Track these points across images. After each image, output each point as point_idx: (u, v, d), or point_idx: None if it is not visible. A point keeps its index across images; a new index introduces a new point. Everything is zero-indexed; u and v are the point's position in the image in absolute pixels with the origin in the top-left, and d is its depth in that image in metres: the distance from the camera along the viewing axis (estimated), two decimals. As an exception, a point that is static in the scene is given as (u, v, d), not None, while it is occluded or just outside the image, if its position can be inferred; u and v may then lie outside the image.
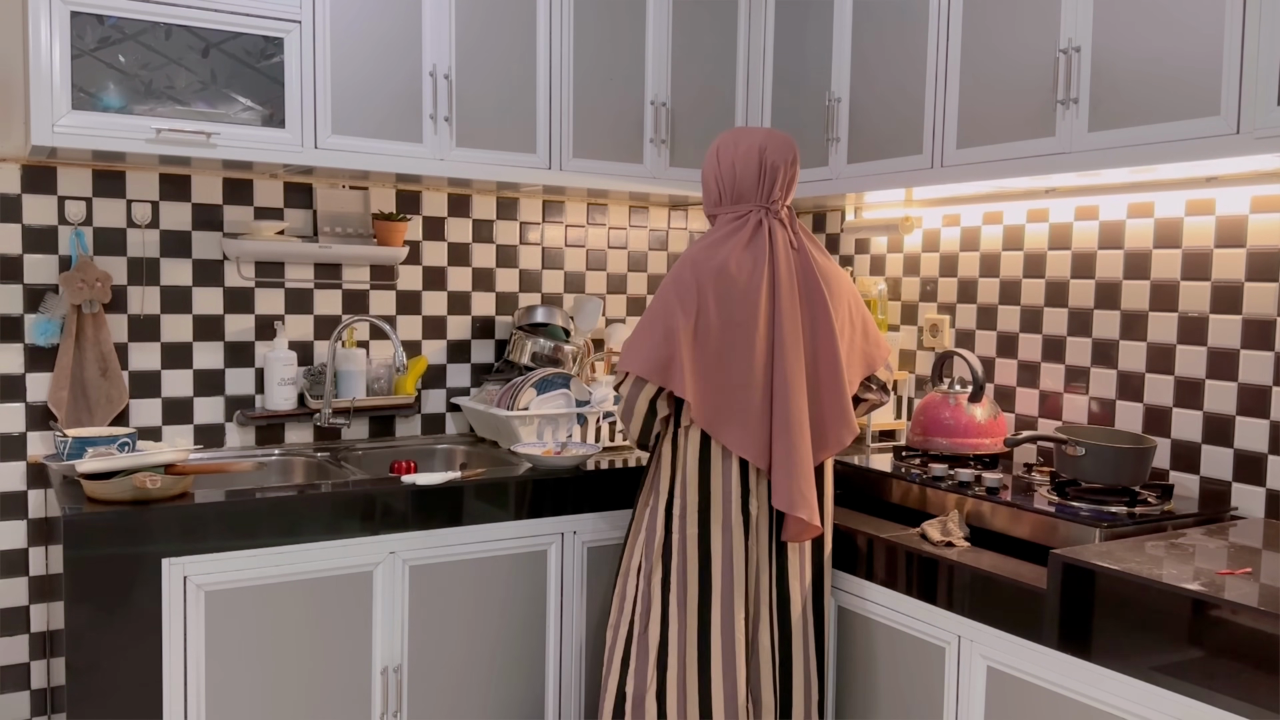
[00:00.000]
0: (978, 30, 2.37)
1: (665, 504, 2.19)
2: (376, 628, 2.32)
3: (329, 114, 2.47)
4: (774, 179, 2.19)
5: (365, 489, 2.31)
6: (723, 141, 2.24)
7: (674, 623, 2.16)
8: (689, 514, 2.16)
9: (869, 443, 2.99)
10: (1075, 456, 2.22)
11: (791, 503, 2.10)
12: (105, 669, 2.06)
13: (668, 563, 2.17)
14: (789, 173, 2.22)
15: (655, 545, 2.18)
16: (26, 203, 2.51)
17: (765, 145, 2.20)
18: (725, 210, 2.23)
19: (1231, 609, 1.59)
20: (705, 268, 2.13)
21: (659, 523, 2.19)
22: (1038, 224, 2.68)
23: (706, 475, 2.16)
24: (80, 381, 2.53)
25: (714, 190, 2.25)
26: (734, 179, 2.20)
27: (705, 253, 2.16)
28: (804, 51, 2.87)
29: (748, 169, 2.19)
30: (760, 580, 2.18)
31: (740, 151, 2.20)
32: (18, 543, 2.55)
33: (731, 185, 2.21)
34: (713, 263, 2.14)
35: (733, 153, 2.21)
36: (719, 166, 2.23)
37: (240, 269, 2.75)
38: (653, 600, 2.18)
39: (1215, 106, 1.91)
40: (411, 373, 2.94)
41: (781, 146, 2.21)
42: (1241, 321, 2.24)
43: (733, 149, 2.21)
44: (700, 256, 2.15)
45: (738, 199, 2.21)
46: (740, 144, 2.21)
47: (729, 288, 2.13)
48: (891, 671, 2.19)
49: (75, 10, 2.21)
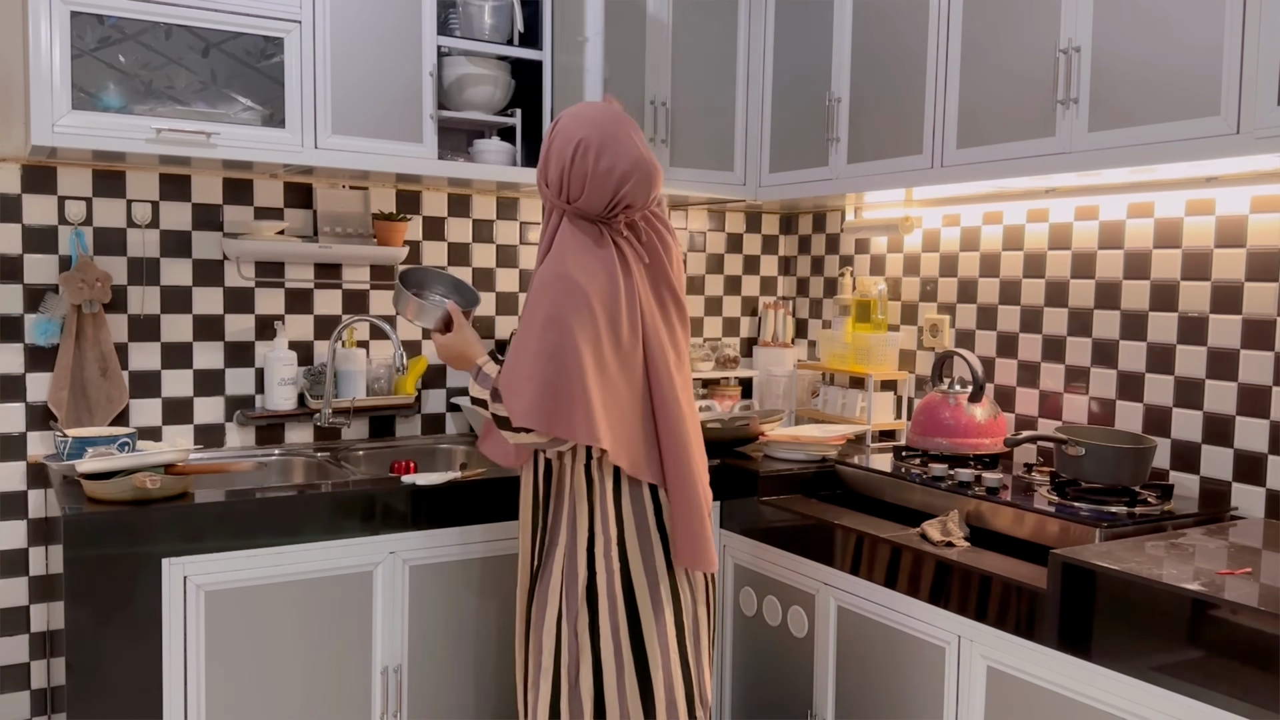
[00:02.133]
0: (978, 30, 2.37)
1: (586, 543, 1.99)
2: (376, 628, 2.32)
3: (329, 114, 2.47)
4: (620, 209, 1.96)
5: (365, 489, 2.31)
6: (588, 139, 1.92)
7: (608, 668, 1.98)
8: (611, 549, 1.98)
9: (869, 443, 2.99)
10: (1075, 456, 2.22)
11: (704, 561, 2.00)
12: (105, 669, 2.06)
13: (594, 605, 1.98)
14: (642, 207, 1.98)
15: (578, 589, 1.98)
16: (26, 203, 2.51)
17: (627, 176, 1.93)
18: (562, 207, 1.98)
19: (1231, 609, 1.59)
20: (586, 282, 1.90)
21: (580, 564, 1.99)
22: (1038, 224, 2.68)
23: (619, 505, 1.99)
24: (80, 381, 2.53)
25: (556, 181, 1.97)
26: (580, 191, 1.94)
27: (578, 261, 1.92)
28: (804, 51, 2.87)
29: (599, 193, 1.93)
30: (696, 590, 2.07)
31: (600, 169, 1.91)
32: (18, 543, 2.55)
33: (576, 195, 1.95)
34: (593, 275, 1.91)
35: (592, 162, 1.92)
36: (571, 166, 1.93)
37: (240, 269, 2.75)
38: (581, 649, 1.99)
39: (1215, 106, 1.91)
40: (411, 373, 2.94)
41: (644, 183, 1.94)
42: (1241, 321, 2.24)
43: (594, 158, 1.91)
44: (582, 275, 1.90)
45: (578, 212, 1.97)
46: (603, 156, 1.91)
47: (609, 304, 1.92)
48: (891, 671, 2.19)
49: (75, 10, 2.21)
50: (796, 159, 2.88)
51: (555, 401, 1.88)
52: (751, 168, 3.04)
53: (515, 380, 1.91)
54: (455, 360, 2.11)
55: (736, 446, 2.82)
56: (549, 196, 2.00)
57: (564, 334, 1.88)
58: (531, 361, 1.89)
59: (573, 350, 1.87)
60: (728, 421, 2.80)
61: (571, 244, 1.95)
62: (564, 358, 1.88)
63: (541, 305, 1.90)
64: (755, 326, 3.54)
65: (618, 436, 1.94)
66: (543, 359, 1.88)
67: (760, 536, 2.54)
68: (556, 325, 1.88)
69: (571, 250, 1.94)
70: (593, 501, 2.00)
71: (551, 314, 1.89)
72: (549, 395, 1.88)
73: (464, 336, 2.10)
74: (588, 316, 1.89)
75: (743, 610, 2.63)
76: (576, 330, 1.88)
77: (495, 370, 2.00)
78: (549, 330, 1.88)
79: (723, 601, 2.70)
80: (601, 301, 1.91)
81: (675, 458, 2.00)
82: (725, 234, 3.47)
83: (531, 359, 1.90)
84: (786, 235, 3.55)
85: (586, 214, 1.97)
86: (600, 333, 1.90)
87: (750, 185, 3.04)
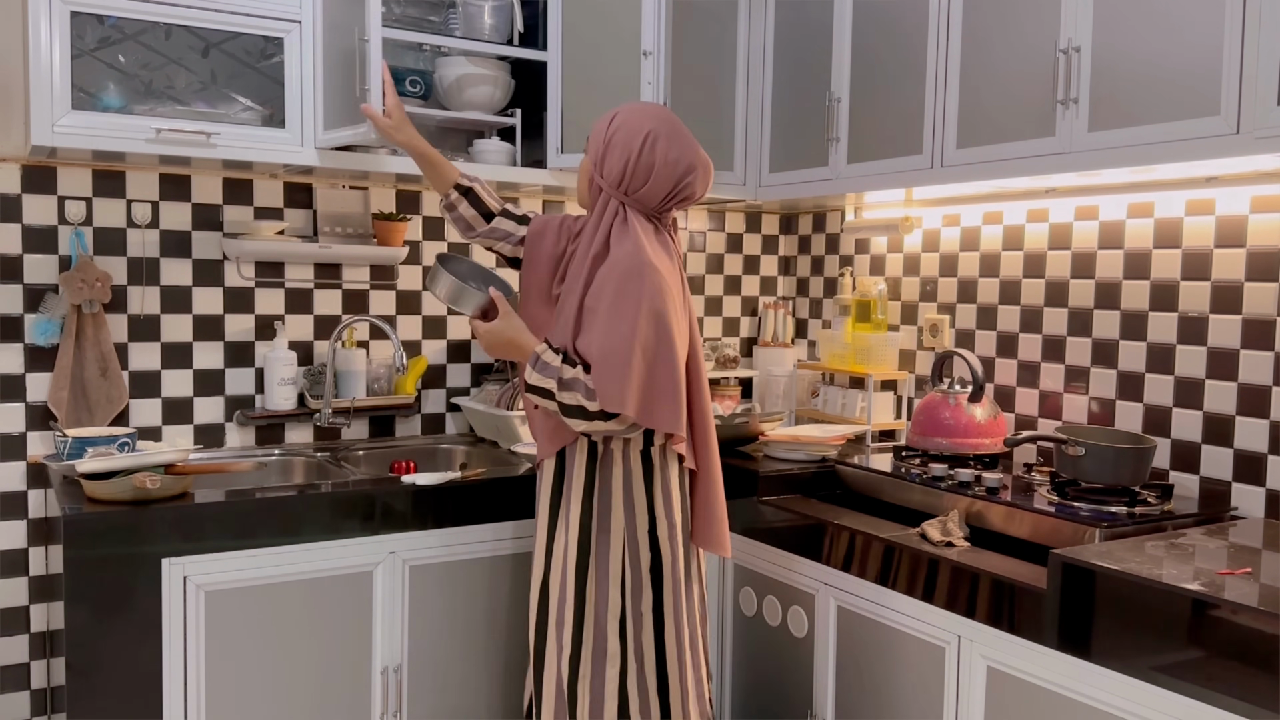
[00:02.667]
0: (978, 30, 2.37)
1: (648, 526, 2.04)
2: (376, 628, 2.32)
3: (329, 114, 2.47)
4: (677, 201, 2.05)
5: (365, 489, 2.31)
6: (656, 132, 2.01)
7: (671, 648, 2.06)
8: (677, 533, 2.06)
9: (869, 443, 2.99)
10: (1075, 456, 2.22)
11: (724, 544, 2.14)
12: (105, 669, 2.06)
13: (659, 587, 2.05)
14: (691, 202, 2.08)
15: (642, 569, 2.04)
16: (26, 203, 2.51)
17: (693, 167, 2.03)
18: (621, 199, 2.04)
19: (1231, 609, 1.59)
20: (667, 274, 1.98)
21: (643, 547, 2.04)
22: (1038, 224, 2.68)
23: (683, 490, 2.09)
24: (80, 381, 2.53)
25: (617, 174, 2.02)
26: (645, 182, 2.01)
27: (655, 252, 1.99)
28: (804, 51, 2.87)
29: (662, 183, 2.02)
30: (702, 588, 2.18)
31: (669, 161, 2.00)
32: (18, 543, 2.55)
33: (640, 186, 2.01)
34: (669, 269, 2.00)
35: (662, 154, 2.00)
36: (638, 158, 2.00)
37: (240, 269, 2.75)
38: (645, 630, 2.04)
39: (1215, 106, 1.91)
40: (411, 373, 2.94)
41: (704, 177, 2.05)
42: (1241, 321, 2.24)
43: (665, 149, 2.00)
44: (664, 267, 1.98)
45: (638, 201, 2.03)
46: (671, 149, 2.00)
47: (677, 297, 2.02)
48: (891, 671, 2.19)
49: (75, 10, 2.21)
50: (796, 159, 2.88)
51: (655, 390, 1.94)
52: (751, 168, 3.04)
53: (615, 368, 1.91)
54: (504, 348, 2.09)
55: (736, 446, 2.82)
56: (606, 187, 2.04)
57: (662, 327, 1.94)
58: (633, 351, 1.91)
59: (668, 343, 1.94)
60: (728, 421, 2.80)
61: (642, 234, 2.00)
62: (662, 349, 1.94)
63: (638, 294, 1.93)
64: (755, 326, 3.54)
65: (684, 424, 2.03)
66: (642, 349, 1.92)
67: (760, 536, 2.54)
68: (656, 317, 1.93)
69: (646, 239, 1.99)
70: (652, 487, 2.04)
71: (650, 305, 1.93)
72: (649, 384, 1.93)
73: (512, 324, 2.08)
74: (674, 310, 1.97)
75: (743, 610, 2.63)
76: (671, 323, 1.95)
77: (557, 359, 1.98)
78: (649, 321, 1.93)
79: (722, 601, 2.70)
80: (676, 295, 2.00)
81: (705, 444, 2.11)
82: (725, 234, 3.47)
83: (632, 349, 1.91)
84: (786, 235, 3.55)
85: (644, 205, 2.03)
86: (680, 326, 1.99)
87: (750, 185, 3.04)
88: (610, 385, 1.91)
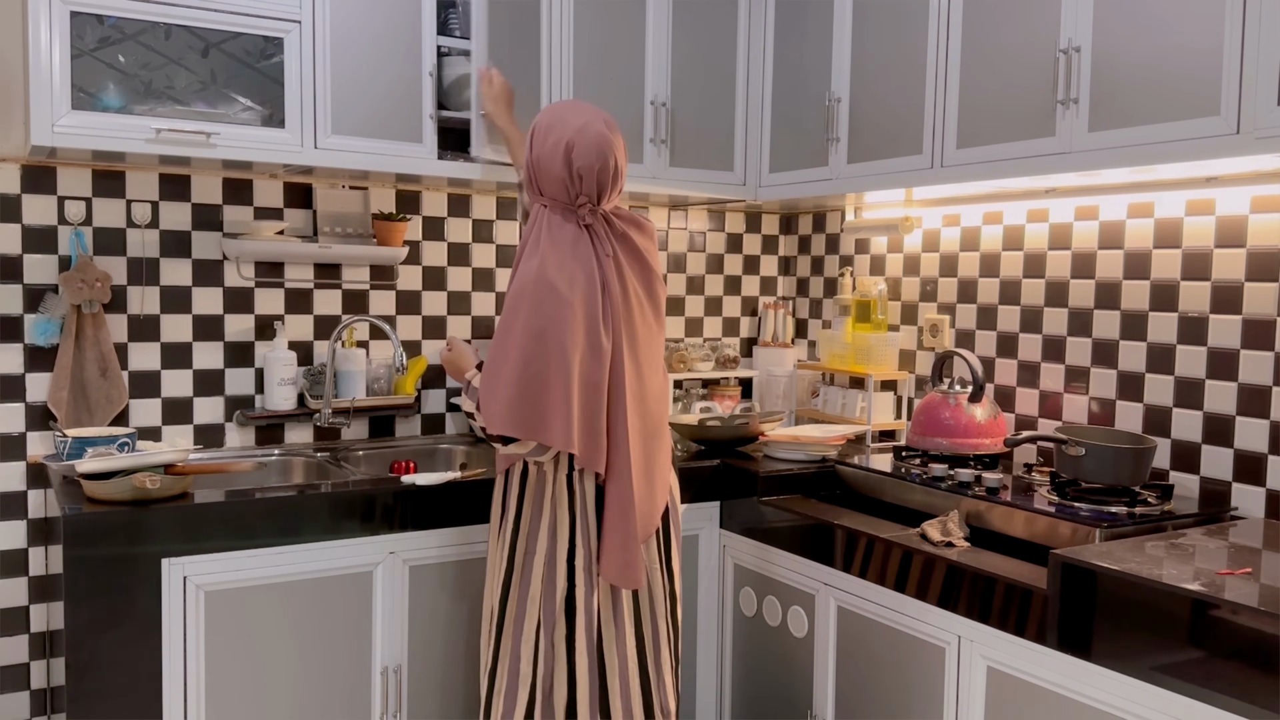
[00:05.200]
0: (977, 30, 2.37)
1: (567, 554, 1.99)
2: (376, 628, 2.32)
3: (329, 114, 2.47)
4: (581, 183, 1.97)
5: (365, 489, 2.31)
6: (539, 122, 2.00)
7: (581, 681, 2.00)
8: (592, 562, 2.00)
9: (869, 443, 2.99)
10: (1075, 456, 2.22)
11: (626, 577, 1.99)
12: (105, 669, 2.06)
13: (572, 618, 2.00)
14: (604, 177, 1.97)
15: (557, 600, 1.99)
16: (26, 203, 2.51)
17: (573, 143, 1.94)
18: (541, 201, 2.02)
19: (1231, 609, 1.59)
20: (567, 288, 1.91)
21: (559, 575, 1.99)
22: (1038, 224, 2.68)
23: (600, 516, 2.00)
24: (80, 381, 2.53)
25: (528, 177, 2.03)
26: (545, 175, 1.98)
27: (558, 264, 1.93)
28: (804, 51, 2.87)
29: (554, 169, 1.96)
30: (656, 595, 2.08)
31: (549, 144, 1.96)
32: (18, 543, 2.55)
33: (543, 181, 1.99)
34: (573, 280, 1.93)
35: (543, 142, 1.96)
36: (531, 152, 1.99)
37: (240, 269, 2.75)
38: (557, 659, 2.00)
39: (1215, 106, 1.91)
40: (411, 373, 2.94)
41: (594, 147, 1.94)
42: (1241, 321, 2.24)
43: (544, 136, 1.96)
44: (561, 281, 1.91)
45: (552, 198, 2.00)
46: (551, 133, 1.96)
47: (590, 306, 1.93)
48: (891, 671, 2.19)
49: (75, 10, 2.21)
50: (796, 159, 2.88)
51: (533, 407, 1.89)
52: (751, 168, 3.04)
53: (494, 387, 1.92)
54: (453, 374, 2.19)
55: (736, 446, 2.82)
56: (532, 199, 2.05)
57: (546, 343, 1.89)
58: (510, 368, 1.90)
59: (555, 358, 1.88)
60: (728, 421, 2.80)
61: (551, 245, 1.96)
62: (545, 364, 1.88)
63: (522, 311, 1.91)
64: (755, 327, 3.54)
65: (595, 443, 1.95)
66: (521, 366, 1.89)
67: (760, 536, 2.54)
68: (538, 334, 1.89)
69: (552, 251, 1.95)
70: (574, 512, 2.01)
71: (534, 323, 1.89)
72: (526, 402, 1.89)
73: (459, 349, 2.17)
74: (570, 324, 1.89)
75: (743, 610, 2.63)
76: (560, 338, 1.89)
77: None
78: (530, 340, 1.89)
79: (722, 601, 2.70)
80: (584, 306, 1.92)
81: (622, 462, 1.97)
82: (725, 234, 3.46)
83: (510, 366, 1.90)
84: (786, 235, 3.54)
85: (557, 200, 1.99)
86: (581, 340, 1.91)
87: (750, 185, 3.04)
88: (488, 404, 1.93)
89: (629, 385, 1.99)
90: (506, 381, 1.90)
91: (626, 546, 1.98)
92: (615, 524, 1.99)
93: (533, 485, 2.03)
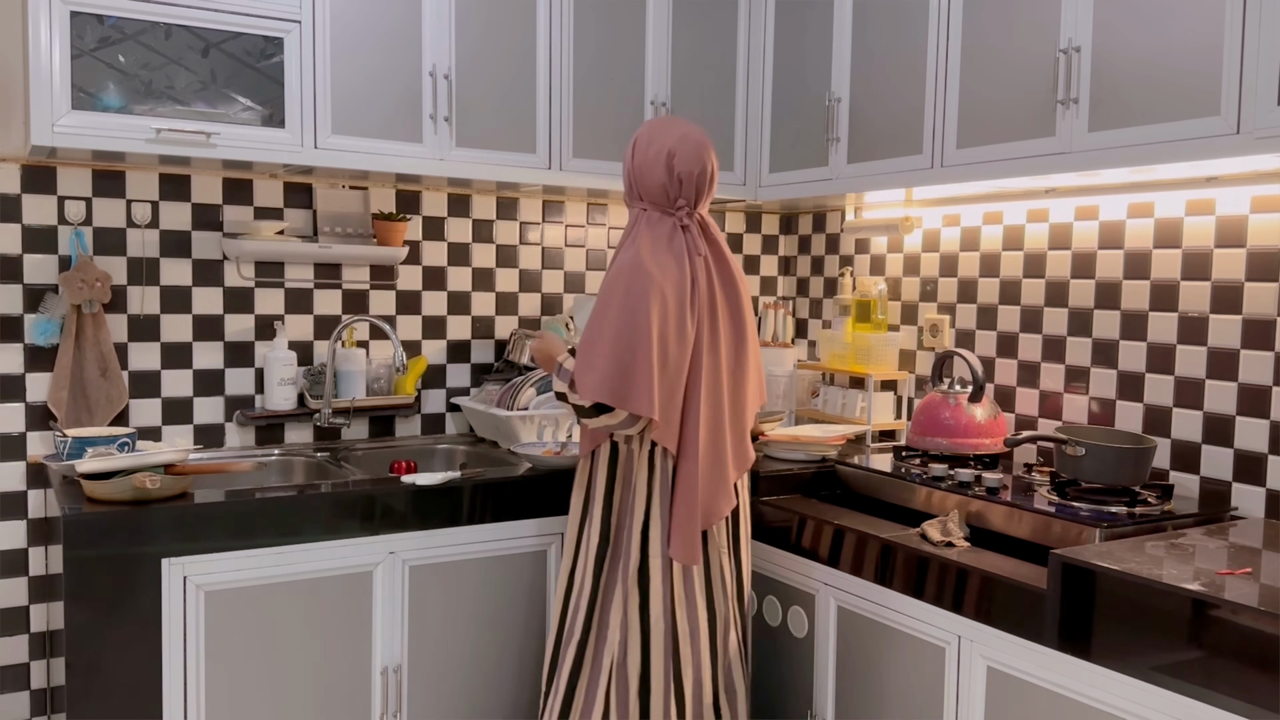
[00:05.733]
0: (978, 30, 2.37)
1: (642, 527, 2.11)
2: (376, 628, 2.32)
3: (329, 114, 2.47)
4: (681, 187, 2.12)
5: (365, 489, 2.31)
6: (640, 135, 2.16)
7: (655, 650, 2.11)
8: (664, 536, 2.11)
9: (869, 443, 2.99)
10: (1075, 456, 2.22)
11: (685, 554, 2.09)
12: (105, 669, 2.06)
13: (646, 589, 2.11)
14: (701, 181, 2.13)
15: (630, 571, 2.11)
16: (26, 203, 2.51)
17: (674, 151, 2.11)
18: (639, 206, 2.16)
19: (1231, 609, 1.59)
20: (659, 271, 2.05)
21: (634, 547, 2.11)
22: (1038, 224, 2.68)
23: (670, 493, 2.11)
24: (80, 381, 2.53)
25: (626, 184, 2.18)
26: (645, 182, 2.13)
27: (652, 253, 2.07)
28: (804, 51, 2.87)
29: (656, 175, 2.11)
30: (725, 578, 2.19)
31: (651, 153, 2.12)
32: (18, 543, 2.55)
33: (644, 187, 2.13)
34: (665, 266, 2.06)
35: (645, 152, 2.12)
36: (632, 162, 2.15)
37: (240, 269, 2.75)
38: (630, 629, 2.10)
39: (1215, 106, 1.91)
40: (411, 373, 2.94)
41: (692, 153, 2.11)
42: (1241, 321, 2.24)
43: (645, 147, 2.13)
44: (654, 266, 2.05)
45: (652, 202, 2.14)
46: (653, 143, 2.12)
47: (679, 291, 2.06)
48: (891, 671, 2.19)
49: (75, 10, 2.21)
50: (796, 159, 2.88)
51: (623, 378, 2.01)
52: (751, 167, 3.04)
53: (590, 360, 2.04)
54: (543, 362, 2.28)
55: (736, 446, 2.82)
56: (629, 203, 2.19)
57: (637, 321, 2.01)
58: (605, 344, 2.03)
59: (644, 334, 2.01)
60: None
61: (648, 238, 2.10)
62: (635, 339, 2.01)
63: (617, 292, 2.05)
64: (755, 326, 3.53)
65: (669, 419, 2.06)
66: (614, 341, 2.02)
67: (760, 536, 2.54)
68: (631, 312, 2.02)
69: (648, 244, 2.09)
70: (651, 487, 2.11)
71: (626, 299, 2.03)
72: (618, 372, 2.01)
73: (549, 338, 2.30)
74: (660, 305, 2.02)
75: (743, 610, 2.63)
76: (649, 317, 2.01)
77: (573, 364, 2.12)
78: (624, 317, 2.02)
79: (723, 601, 2.70)
80: (674, 290, 2.05)
81: (693, 444, 2.09)
82: (725, 234, 3.46)
83: (605, 342, 2.03)
84: (786, 235, 3.54)
85: (658, 203, 2.13)
86: (670, 321, 2.04)
87: (750, 185, 3.05)
88: (584, 377, 2.05)
89: (705, 377, 2.10)
90: (601, 355, 2.03)
91: (688, 525, 2.08)
92: (681, 502, 2.10)
93: (622, 463, 2.14)
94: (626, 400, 2.01)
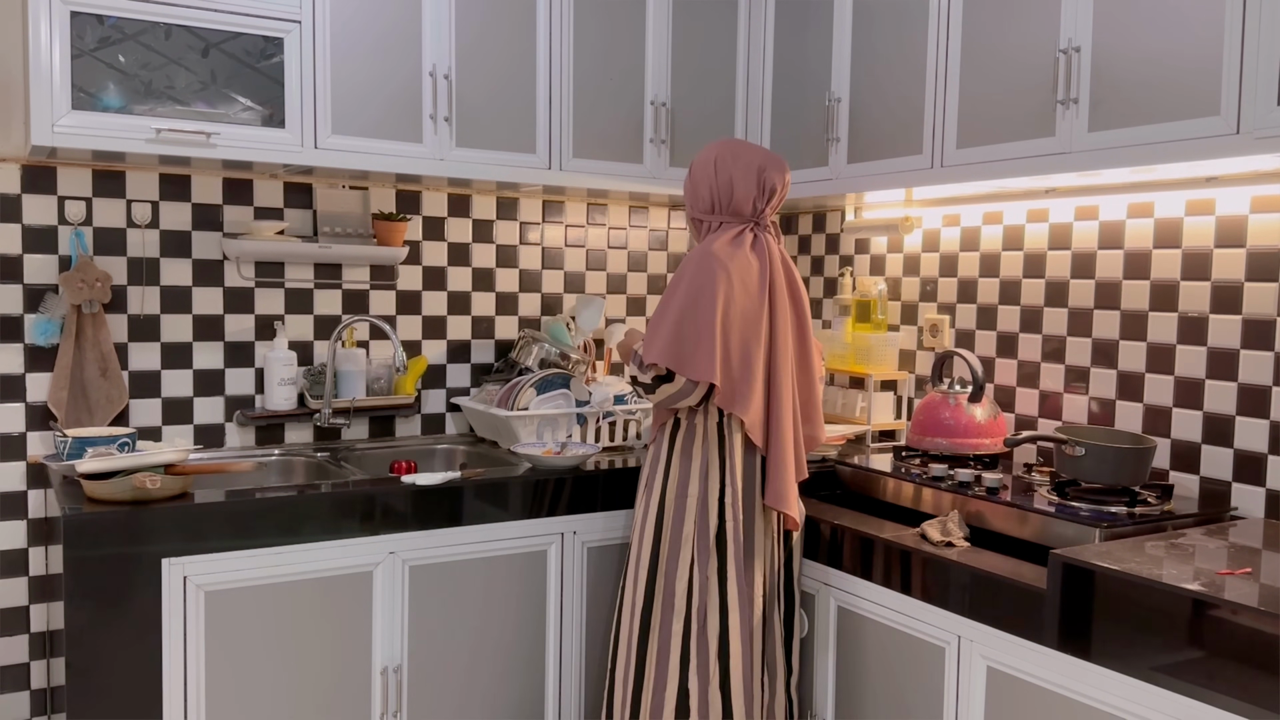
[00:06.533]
0: (978, 30, 2.37)
1: (719, 492, 2.22)
2: (376, 628, 2.32)
3: (329, 114, 2.47)
4: (769, 198, 2.28)
5: (365, 489, 2.31)
6: (721, 154, 2.28)
7: (733, 608, 2.20)
8: (738, 500, 2.21)
9: (869, 443, 2.99)
10: (1075, 456, 2.22)
11: (784, 500, 2.23)
12: (105, 669, 2.06)
13: (723, 552, 2.21)
14: (783, 193, 2.31)
15: (709, 534, 2.21)
16: (26, 203, 2.51)
17: (764, 166, 2.27)
18: (717, 218, 2.29)
19: (1231, 609, 1.59)
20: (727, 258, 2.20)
21: (711, 511, 2.22)
22: (1038, 224, 2.68)
23: (747, 461, 2.24)
24: (80, 381, 2.53)
25: (707, 199, 2.29)
26: (731, 194, 2.26)
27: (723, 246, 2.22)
28: (804, 51, 2.87)
29: (746, 187, 2.26)
30: (772, 561, 2.27)
31: (740, 168, 2.26)
32: (18, 543, 2.55)
33: (729, 199, 2.26)
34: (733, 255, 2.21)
35: (731, 168, 2.26)
36: (716, 178, 2.27)
37: (240, 269, 2.75)
38: (710, 592, 2.21)
39: (1215, 106, 1.91)
40: (411, 373, 2.94)
41: (778, 169, 2.29)
42: (1241, 321, 2.24)
43: (731, 164, 2.27)
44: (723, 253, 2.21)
45: (734, 212, 2.27)
46: (740, 160, 2.27)
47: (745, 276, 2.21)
48: (891, 671, 2.19)
49: (75, 10, 2.21)
50: (796, 159, 2.88)
51: (683, 345, 2.16)
52: (751, 168, 3.03)
53: (657, 330, 2.20)
54: (622, 354, 2.48)
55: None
56: (703, 215, 2.30)
57: (701, 298, 2.16)
58: (671, 316, 2.18)
59: (706, 310, 2.15)
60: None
61: (722, 234, 2.25)
62: (697, 313, 2.15)
63: (686, 274, 2.21)
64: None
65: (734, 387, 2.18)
66: (679, 314, 2.17)
67: (760, 536, 2.54)
68: (697, 290, 2.17)
69: (721, 239, 2.24)
70: (723, 454, 2.23)
71: (695, 282, 2.18)
72: (679, 340, 2.16)
73: (632, 332, 2.52)
74: (725, 286, 2.17)
75: (743, 610, 2.63)
76: (713, 295, 2.16)
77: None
78: (690, 294, 2.17)
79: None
80: (740, 278, 2.19)
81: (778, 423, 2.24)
82: (725, 234, 3.46)
83: (671, 314, 2.18)
84: (786, 235, 3.54)
85: (741, 213, 2.27)
86: (735, 300, 2.18)
87: (750, 185, 3.04)
88: (649, 345, 2.21)
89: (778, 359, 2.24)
90: (668, 324, 2.19)
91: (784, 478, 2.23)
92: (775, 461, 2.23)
93: (683, 436, 2.26)
94: (685, 365, 2.15)
